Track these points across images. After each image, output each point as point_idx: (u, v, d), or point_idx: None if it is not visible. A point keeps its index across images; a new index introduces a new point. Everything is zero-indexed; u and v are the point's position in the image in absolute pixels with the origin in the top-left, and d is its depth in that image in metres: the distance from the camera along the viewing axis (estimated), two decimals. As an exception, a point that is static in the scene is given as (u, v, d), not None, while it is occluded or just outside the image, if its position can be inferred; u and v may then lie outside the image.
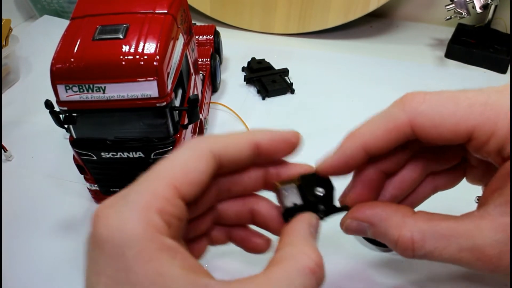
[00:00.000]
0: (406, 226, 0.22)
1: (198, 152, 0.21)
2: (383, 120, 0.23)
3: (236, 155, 0.23)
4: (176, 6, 0.39)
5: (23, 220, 0.41)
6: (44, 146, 0.50)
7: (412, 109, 0.22)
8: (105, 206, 0.19)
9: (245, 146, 0.23)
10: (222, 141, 0.22)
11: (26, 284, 0.35)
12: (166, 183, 0.20)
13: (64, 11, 0.76)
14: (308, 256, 0.20)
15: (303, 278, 0.19)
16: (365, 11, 0.68)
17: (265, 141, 0.23)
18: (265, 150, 0.23)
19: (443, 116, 0.21)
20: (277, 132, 0.24)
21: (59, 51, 0.34)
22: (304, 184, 0.24)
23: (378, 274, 0.36)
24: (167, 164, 0.21)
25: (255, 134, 0.23)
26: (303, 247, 0.21)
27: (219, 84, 0.59)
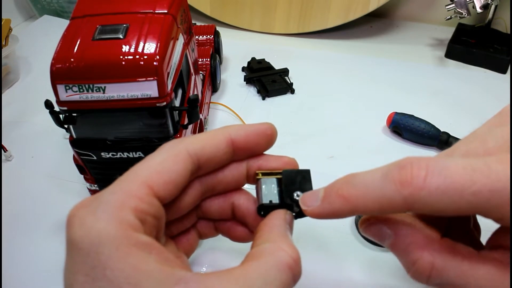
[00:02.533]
0: (430, 250, 0.20)
1: (174, 153, 0.22)
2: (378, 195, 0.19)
3: (213, 153, 0.23)
4: (176, 6, 0.39)
5: (23, 220, 0.41)
6: (44, 146, 0.50)
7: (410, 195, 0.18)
8: (79, 206, 0.20)
9: (221, 143, 0.23)
10: (199, 141, 0.23)
11: (26, 284, 0.35)
12: (140, 182, 0.20)
13: (64, 11, 0.76)
14: (286, 252, 0.20)
15: (280, 273, 0.19)
16: (365, 11, 0.68)
17: (240, 136, 0.24)
18: (241, 145, 0.24)
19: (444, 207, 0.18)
20: (251, 125, 0.24)
21: (59, 51, 0.34)
22: (284, 181, 0.24)
23: (377, 273, 0.36)
24: (142, 165, 0.21)
25: (230, 130, 0.24)
26: (280, 243, 0.21)
27: (219, 84, 0.59)
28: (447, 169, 0.18)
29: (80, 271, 0.18)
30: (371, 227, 0.22)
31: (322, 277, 0.35)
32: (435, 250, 0.20)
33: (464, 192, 0.17)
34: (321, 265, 0.36)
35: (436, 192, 0.18)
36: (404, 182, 0.18)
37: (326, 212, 0.21)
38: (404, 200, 0.18)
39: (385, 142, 0.50)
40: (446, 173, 0.18)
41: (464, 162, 0.18)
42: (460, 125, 0.50)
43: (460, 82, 0.61)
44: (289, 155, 0.26)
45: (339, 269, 0.36)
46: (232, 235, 0.27)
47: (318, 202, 0.22)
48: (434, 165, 0.18)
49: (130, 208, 0.19)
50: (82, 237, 0.18)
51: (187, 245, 0.27)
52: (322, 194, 0.22)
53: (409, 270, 0.21)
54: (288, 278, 0.20)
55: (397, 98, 0.57)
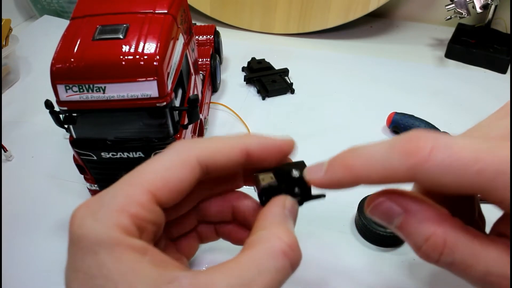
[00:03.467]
0: (443, 226, 0.20)
1: (183, 158, 0.21)
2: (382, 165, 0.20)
3: (225, 163, 0.22)
4: (176, 6, 0.39)
5: (23, 220, 0.41)
6: (44, 146, 0.50)
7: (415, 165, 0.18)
8: (82, 207, 0.20)
9: (236, 154, 0.22)
10: (211, 148, 0.22)
11: (26, 284, 0.35)
12: (143, 189, 0.20)
13: (64, 11, 0.76)
14: (280, 238, 0.20)
15: (275, 260, 0.19)
16: (365, 11, 0.68)
17: (257, 149, 0.23)
18: (256, 157, 0.23)
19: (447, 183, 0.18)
20: (270, 139, 0.24)
21: (59, 51, 0.34)
22: (280, 169, 0.24)
23: (377, 273, 0.36)
24: (148, 167, 0.21)
25: (247, 140, 0.23)
26: (275, 230, 0.21)
27: (219, 84, 0.59)
28: (454, 144, 0.18)
29: (79, 269, 0.19)
30: (379, 206, 0.21)
31: (322, 277, 0.35)
32: (448, 227, 0.20)
33: (469, 169, 0.17)
34: (321, 265, 0.36)
35: (441, 165, 0.18)
36: (410, 152, 0.18)
37: (330, 181, 0.21)
38: (408, 170, 0.18)
39: (385, 142, 0.50)
40: (453, 149, 0.18)
41: (471, 141, 0.18)
42: (460, 125, 0.50)
43: (460, 82, 0.61)
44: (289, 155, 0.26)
45: (339, 269, 0.36)
46: (233, 238, 0.27)
47: (322, 173, 0.21)
48: (441, 140, 0.18)
49: (129, 214, 0.19)
50: (82, 237, 0.19)
51: (187, 248, 0.27)
52: (326, 165, 0.21)
53: (420, 248, 0.20)
54: (284, 266, 0.19)
55: (397, 98, 0.57)
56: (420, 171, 0.18)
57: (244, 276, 0.18)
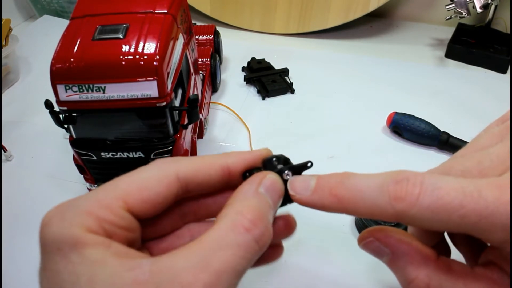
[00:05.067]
0: (426, 270, 0.21)
1: (162, 173, 0.21)
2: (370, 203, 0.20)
3: (206, 181, 0.22)
4: (176, 6, 0.39)
5: (23, 220, 0.41)
6: (44, 146, 0.50)
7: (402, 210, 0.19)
8: (53, 208, 0.21)
9: (216, 172, 0.22)
10: (192, 166, 0.22)
11: (26, 284, 0.35)
12: (116, 195, 0.20)
13: (64, 11, 0.76)
14: (241, 213, 0.19)
15: (235, 235, 0.19)
16: (365, 11, 0.68)
17: (237, 164, 0.23)
18: (238, 172, 0.23)
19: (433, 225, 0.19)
20: (249, 153, 0.23)
21: (59, 51, 0.34)
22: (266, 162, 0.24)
23: (377, 274, 0.36)
24: (125, 178, 0.21)
25: (228, 159, 0.23)
26: (238, 206, 0.20)
27: (219, 84, 0.59)
28: (439, 189, 0.18)
29: (47, 267, 0.19)
30: (369, 245, 0.23)
31: (321, 277, 0.35)
32: (431, 270, 0.21)
33: (453, 214, 0.18)
34: (321, 265, 0.36)
35: (427, 211, 0.18)
36: (398, 197, 0.19)
37: (315, 204, 0.21)
38: (395, 213, 0.19)
39: (385, 142, 0.50)
40: (438, 194, 0.18)
41: (457, 184, 0.18)
42: (460, 125, 0.50)
43: (460, 82, 0.61)
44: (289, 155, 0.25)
45: (339, 269, 0.36)
46: None
47: (308, 192, 0.21)
48: (428, 183, 0.19)
49: (96, 216, 0.19)
50: (48, 236, 0.20)
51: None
52: (314, 185, 0.21)
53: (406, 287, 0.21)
54: (247, 241, 0.19)
55: (397, 98, 0.57)
56: (408, 216, 0.19)
57: (203, 254, 0.18)
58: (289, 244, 0.39)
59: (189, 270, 0.18)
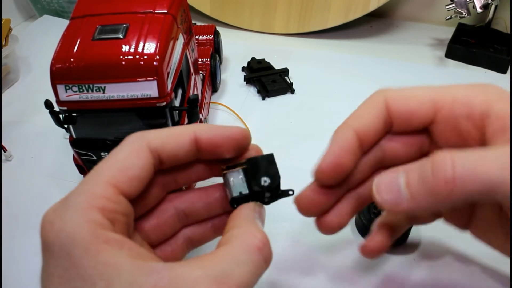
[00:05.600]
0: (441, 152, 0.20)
1: (135, 147, 0.22)
2: (364, 105, 0.26)
3: (175, 150, 0.23)
4: (176, 6, 0.39)
5: (23, 220, 0.41)
6: (44, 146, 0.50)
7: (386, 91, 0.26)
8: (49, 211, 0.20)
9: (185, 141, 0.23)
10: (161, 136, 0.22)
11: (26, 284, 0.35)
12: (104, 182, 0.20)
13: (64, 11, 0.76)
14: (254, 235, 0.21)
15: (250, 255, 0.20)
16: (365, 11, 0.68)
17: (206, 136, 0.23)
18: (205, 145, 0.23)
19: (411, 91, 0.26)
20: (221, 127, 0.24)
21: (59, 51, 0.34)
22: (250, 169, 0.24)
23: (376, 273, 0.36)
24: (105, 163, 0.21)
25: (196, 128, 0.23)
26: (249, 228, 0.21)
27: (219, 84, 0.59)
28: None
29: (54, 273, 0.19)
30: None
31: (321, 277, 0.35)
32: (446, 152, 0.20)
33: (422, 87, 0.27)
34: (321, 265, 0.36)
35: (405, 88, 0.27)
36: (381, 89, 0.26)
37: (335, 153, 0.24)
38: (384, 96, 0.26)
39: (385, 142, 0.50)
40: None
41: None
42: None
43: (460, 82, 0.60)
44: (289, 155, 0.26)
45: (339, 269, 0.36)
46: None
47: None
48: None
49: (97, 208, 0.19)
50: (53, 241, 0.19)
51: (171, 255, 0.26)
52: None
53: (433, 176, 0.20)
54: (259, 260, 0.20)
55: (397, 98, 0.57)
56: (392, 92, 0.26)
57: (221, 267, 0.19)
58: (289, 244, 0.39)
59: (209, 281, 0.18)
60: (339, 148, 0.24)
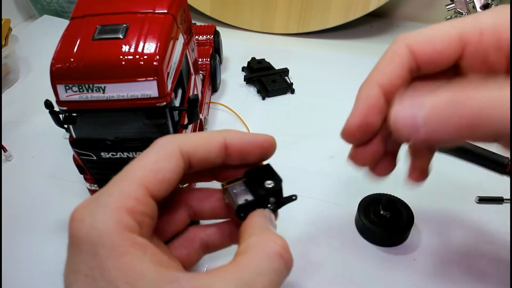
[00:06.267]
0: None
1: (167, 151, 0.22)
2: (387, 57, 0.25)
3: (206, 155, 0.23)
4: (176, 6, 0.39)
5: (23, 220, 0.41)
6: (44, 146, 0.50)
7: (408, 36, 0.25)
8: (80, 208, 0.20)
9: (215, 147, 0.23)
10: (192, 141, 0.22)
11: (26, 284, 0.35)
12: (136, 183, 0.20)
13: (64, 11, 0.76)
14: (274, 242, 0.20)
15: (273, 262, 0.20)
16: (365, 11, 0.68)
17: (236, 143, 0.23)
18: (234, 151, 0.23)
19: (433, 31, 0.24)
20: (250, 134, 0.24)
21: (58, 51, 0.34)
22: (251, 179, 0.24)
23: (376, 272, 0.36)
24: (137, 164, 0.21)
25: (226, 134, 0.23)
26: (266, 235, 0.21)
27: (219, 84, 0.59)
28: None
29: (80, 271, 0.19)
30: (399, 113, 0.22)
31: (322, 277, 0.35)
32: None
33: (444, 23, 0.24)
34: (322, 265, 0.36)
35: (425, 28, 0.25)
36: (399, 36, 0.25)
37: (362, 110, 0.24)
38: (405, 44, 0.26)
39: (385, 142, 0.50)
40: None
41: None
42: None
43: (460, 82, 0.60)
44: (289, 155, 0.26)
45: (339, 268, 0.36)
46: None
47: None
48: None
49: (127, 209, 0.19)
50: (82, 238, 0.19)
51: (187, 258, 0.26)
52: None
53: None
54: (280, 266, 0.20)
55: (397, 98, 0.57)
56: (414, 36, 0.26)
57: (244, 278, 0.19)
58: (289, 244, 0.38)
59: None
60: (366, 107, 0.25)
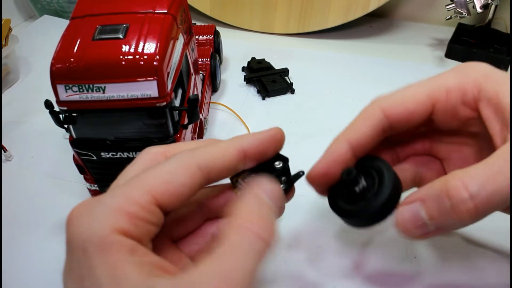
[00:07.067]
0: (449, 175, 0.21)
1: (184, 164, 0.21)
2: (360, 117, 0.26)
3: (225, 167, 0.23)
4: (176, 6, 0.39)
5: (23, 220, 0.41)
6: (44, 146, 0.50)
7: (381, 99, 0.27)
8: (80, 205, 0.20)
9: (233, 157, 0.23)
10: (210, 156, 0.22)
11: (26, 284, 0.35)
12: (143, 190, 0.20)
13: (64, 11, 0.76)
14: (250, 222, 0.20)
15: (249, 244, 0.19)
16: (365, 11, 0.68)
17: (252, 146, 0.23)
18: (253, 155, 0.23)
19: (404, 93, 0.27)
20: (262, 133, 0.24)
21: (58, 51, 0.34)
22: (258, 167, 0.24)
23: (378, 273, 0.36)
24: (150, 172, 0.21)
25: (242, 142, 0.23)
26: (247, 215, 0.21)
27: (219, 84, 0.59)
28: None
29: (73, 268, 0.19)
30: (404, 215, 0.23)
31: (322, 276, 0.35)
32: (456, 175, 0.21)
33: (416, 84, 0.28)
34: (321, 264, 0.36)
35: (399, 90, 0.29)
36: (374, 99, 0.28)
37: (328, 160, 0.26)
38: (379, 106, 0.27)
39: (385, 142, 0.50)
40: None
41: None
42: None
43: (460, 82, 0.60)
44: (289, 155, 0.25)
45: (339, 268, 0.36)
46: None
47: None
48: None
49: (127, 213, 0.19)
50: (77, 236, 0.19)
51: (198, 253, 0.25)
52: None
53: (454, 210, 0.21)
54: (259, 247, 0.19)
55: (397, 98, 0.57)
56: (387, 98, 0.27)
57: (223, 267, 0.18)
58: (289, 244, 0.39)
59: (209, 284, 0.18)
60: (329, 159, 0.26)
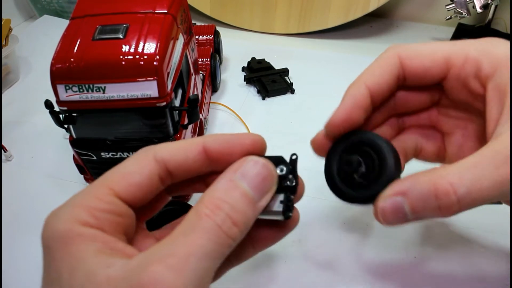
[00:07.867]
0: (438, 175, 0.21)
1: (140, 157, 0.22)
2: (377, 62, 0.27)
3: (183, 160, 0.22)
4: (176, 6, 0.39)
5: (23, 220, 0.41)
6: (44, 146, 0.50)
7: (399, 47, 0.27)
8: (52, 211, 0.21)
9: (192, 151, 0.23)
10: (169, 148, 0.23)
11: (26, 284, 0.35)
12: (101, 184, 0.21)
13: (64, 11, 0.76)
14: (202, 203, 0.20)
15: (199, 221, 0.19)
16: (365, 11, 0.68)
17: (214, 145, 0.23)
18: (215, 154, 0.23)
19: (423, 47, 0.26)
20: (230, 135, 0.23)
21: (59, 51, 0.34)
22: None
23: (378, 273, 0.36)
24: (111, 171, 0.22)
25: (205, 139, 0.23)
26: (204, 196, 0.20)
27: (219, 84, 0.59)
28: None
29: (44, 270, 0.20)
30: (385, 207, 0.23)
31: (321, 276, 0.35)
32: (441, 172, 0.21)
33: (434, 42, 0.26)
34: (321, 264, 0.36)
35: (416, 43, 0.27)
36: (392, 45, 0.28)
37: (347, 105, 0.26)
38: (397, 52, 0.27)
39: (385, 142, 0.50)
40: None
41: None
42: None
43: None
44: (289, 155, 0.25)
45: (340, 268, 0.36)
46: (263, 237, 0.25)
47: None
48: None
49: (84, 206, 0.20)
50: (44, 238, 0.21)
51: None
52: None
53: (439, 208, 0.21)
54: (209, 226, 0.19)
55: (397, 98, 0.57)
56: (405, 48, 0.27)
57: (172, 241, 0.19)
58: (289, 244, 0.39)
59: (158, 259, 0.18)
60: (351, 104, 0.26)
